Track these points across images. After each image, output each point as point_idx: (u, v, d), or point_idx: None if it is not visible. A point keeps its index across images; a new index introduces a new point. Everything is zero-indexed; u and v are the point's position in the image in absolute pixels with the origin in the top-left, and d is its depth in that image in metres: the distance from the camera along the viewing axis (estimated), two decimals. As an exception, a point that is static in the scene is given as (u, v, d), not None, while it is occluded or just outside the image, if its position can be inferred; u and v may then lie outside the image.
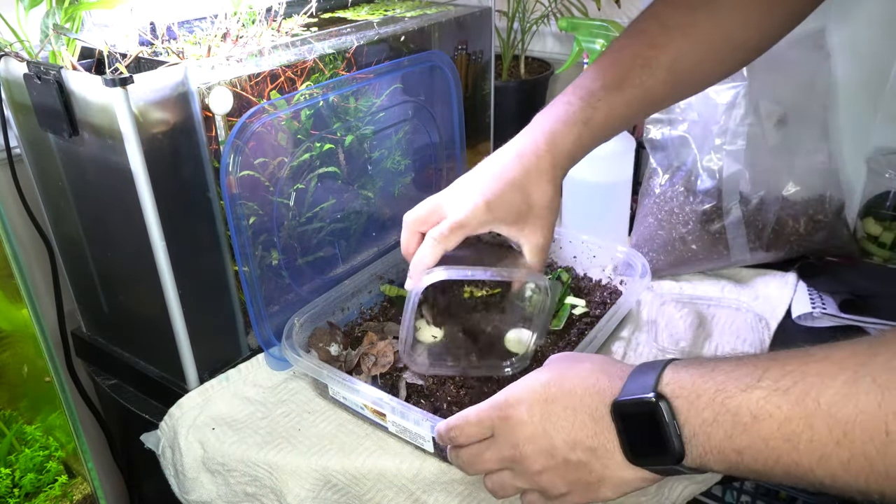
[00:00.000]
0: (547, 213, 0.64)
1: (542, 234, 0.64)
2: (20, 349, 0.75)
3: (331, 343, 0.76)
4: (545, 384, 0.51)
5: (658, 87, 0.63)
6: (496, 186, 0.63)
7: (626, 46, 0.64)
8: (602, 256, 0.89)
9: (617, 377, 0.48)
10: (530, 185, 0.63)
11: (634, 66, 0.63)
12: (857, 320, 0.78)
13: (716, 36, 0.63)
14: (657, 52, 0.63)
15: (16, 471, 0.74)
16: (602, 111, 0.63)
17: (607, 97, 0.63)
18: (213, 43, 0.75)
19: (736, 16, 0.63)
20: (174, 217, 0.66)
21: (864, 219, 0.97)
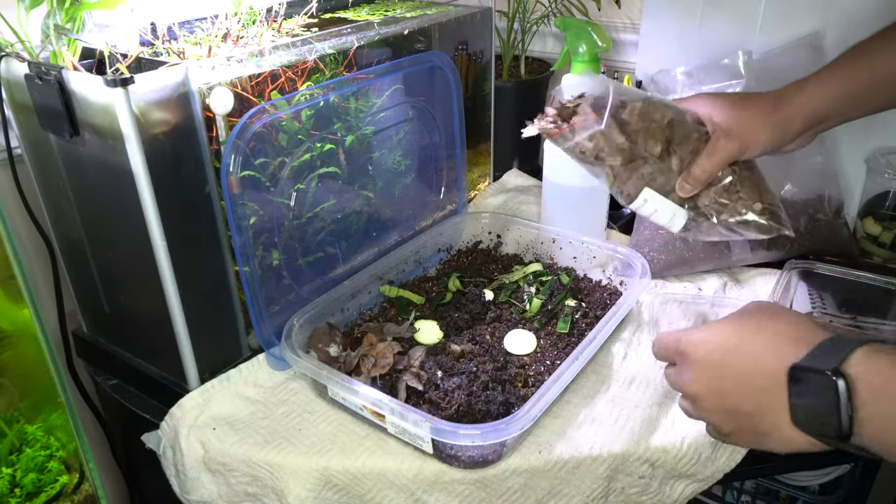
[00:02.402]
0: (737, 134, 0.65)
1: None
2: (21, 349, 0.75)
3: (330, 344, 0.76)
4: (730, 334, 0.53)
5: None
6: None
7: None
8: (602, 257, 0.89)
9: (804, 344, 0.48)
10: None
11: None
12: (857, 320, 0.78)
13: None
14: None
15: (17, 471, 0.74)
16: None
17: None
18: (213, 43, 0.75)
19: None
20: (175, 217, 0.66)
21: (863, 219, 0.97)
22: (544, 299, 0.84)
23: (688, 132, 0.66)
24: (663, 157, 0.66)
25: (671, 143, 0.66)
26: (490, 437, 0.59)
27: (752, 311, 0.55)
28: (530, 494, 0.64)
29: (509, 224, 0.97)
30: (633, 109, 0.65)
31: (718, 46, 1.02)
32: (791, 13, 0.98)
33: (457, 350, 0.75)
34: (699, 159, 0.65)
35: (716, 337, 0.53)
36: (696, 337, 0.54)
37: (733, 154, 0.65)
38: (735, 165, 0.67)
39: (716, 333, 0.54)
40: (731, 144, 0.65)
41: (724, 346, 0.52)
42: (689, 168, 0.66)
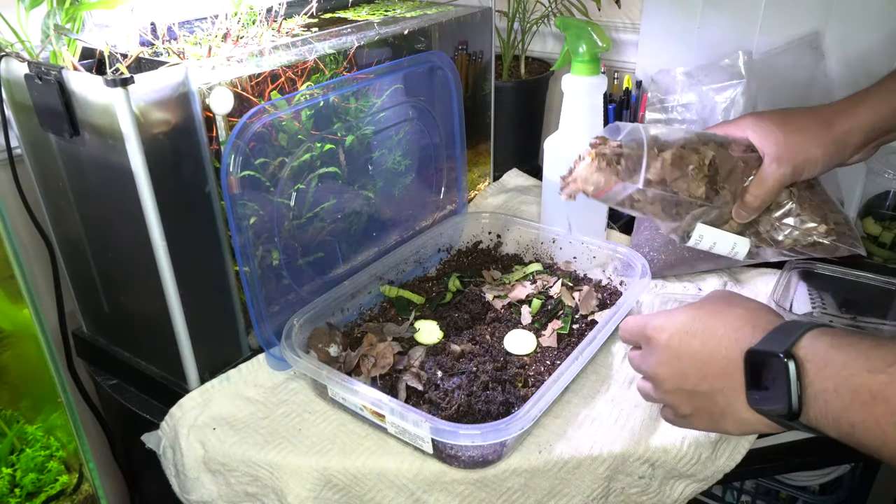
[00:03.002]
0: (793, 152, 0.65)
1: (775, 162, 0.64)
2: (21, 349, 0.75)
3: (330, 344, 0.76)
4: (692, 318, 0.55)
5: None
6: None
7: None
8: (602, 257, 0.89)
9: (761, 329, 0.51)
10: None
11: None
12: (857, 320, 0.78)
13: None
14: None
15: (17, 471, 0.74)
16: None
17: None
18: (213, 43, 0.75)
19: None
20: (175, 217, 0.66)
21: (863, 219, 0.97)
22: (544, 299, 0.84)
23: (734, 164, 0.64)
24: (710, 196, 0.64)
25: (716, 181, 0.64)
26: (490, 437, 0.59)
27: (713, 297, 0.57)
28: (530, 494, 0.64)
29: (509, 224, 0.97)
30: (666, 160, 0.63)
31: (718, 46, 1.02)
32: (791, 13, 0.98)
33: (457, 350, 0.75)
34: (751, 187, 0.64)
35: (678, 321, 0.56)
36: (660, 321, 0.57)
37: (786, 179, 0.64)
38: (793, 188, 0.65)
39: (678, 318, 0.56)
40: (783, 170, 0.63)
41: (686, 329, 0.55)
42: (742, 197, 0.65)
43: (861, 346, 0.45)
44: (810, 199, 0.66)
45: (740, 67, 0.94)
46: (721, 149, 0.65)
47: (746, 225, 0.67)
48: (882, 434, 0.43)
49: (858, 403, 0.43)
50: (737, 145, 0.65)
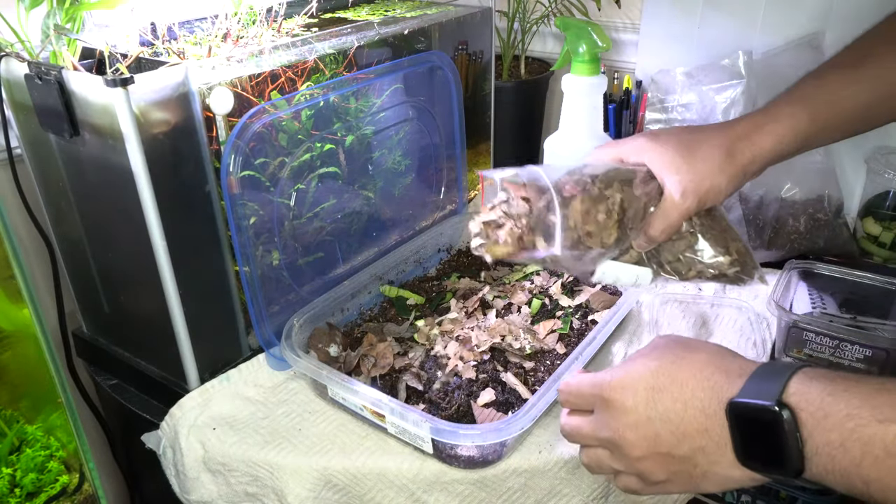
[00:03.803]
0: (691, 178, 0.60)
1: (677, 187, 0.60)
2: (21, 349, 0.75)
3: (330, 344, 0.76)
4: (654, 372, 0.49)
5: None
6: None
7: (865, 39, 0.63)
8: (602, 256, 0.89)
9: (736, 375, 0.46)
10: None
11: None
12: (857, 320, 0.78)
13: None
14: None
15: (17, 471, 0.74)
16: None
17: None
18: (213, 43, 0.75)
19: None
20: (175, 217, 0.66)
21: (863, 218, 0.97)
22: (544, 299, 0.84)
23: (639, 202, 0.60)
24: (622, 239, 0.60)
25: (625, 223, 0.59)
26: (490, 437, 0.59)
27: (664, 345, 0.51)
28: (530, 494, 0.64)
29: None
30: (575, 211, 0.56)
31: (718, 46, 1.02)
32: (791, 13, 0.98)
33: (457, 350, 0.75)
34: (655, 221, 0.60)
35: (640, 376, 0.49)
36: (618, 379, 0.50)
37: (691, 212, 0.60)
38: (694, 216, 0.62)
39: (638, 372, 0.50)
40: (688, 203, 0.59)
41: (652, 385, 0.48)
42: (644, 230, 0.60)
43: (861, 391, 0.41)
44: (711, 228, 0.62)
45: (740, 67, 0.94)
46: (626, 187, 0.59)
47: (649, 254, 0.63)
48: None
49: (871, 459, 0.39)
50: (639, 175, 0.61)
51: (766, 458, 0.43)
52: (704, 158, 0.60)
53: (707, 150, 0.60)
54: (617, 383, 0.50)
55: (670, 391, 0.47)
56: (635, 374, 0.49)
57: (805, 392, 0.42)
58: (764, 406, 0.42)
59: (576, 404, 0.53)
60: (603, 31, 0.86)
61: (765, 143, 0.61)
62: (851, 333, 0.72)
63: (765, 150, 0.61)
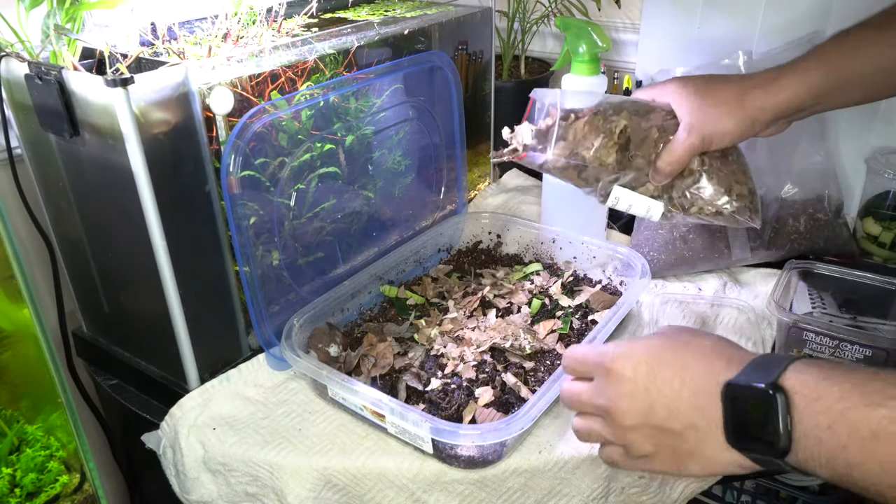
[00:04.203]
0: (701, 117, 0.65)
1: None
2: (21, 349, 0.75)
3: (330, 344, 0.76)
4: (658, 348, 0.50)
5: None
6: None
7: None
8: (602, 257, 0.89)
9: (736, 361, 0.47)
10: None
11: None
12: (857, 320, 0.78)
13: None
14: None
15: (17, 471, 0.74)
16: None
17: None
18: (213, 43, 0.75)
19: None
20: (175, 217, 0.66)
21: (863, 219, 0.97)
22: (544, 299, 0.84)
23: (647, 132, 0.67)
24: (623, 163, 0.67)
25: (628, 148, 0.66)
26: (490, 437, 0.59)
27: (672, 330, 0.53)
28: (530, 494, 0.64)
29: (509, 224, 0.97)
30: (578, 131, 0.66)
31: (718, 46, 1.02)
32: (791, 13, 0.98)
33: (457, 350, 0.75)
34: (663, 153, 0.65)
35: (644, 350, 0.51)
36: (622, 350, 0.51)
37: (695, 148, 0.64)
38: (705, 156, 0.67)
39: (642, 347, 0.51)
40: (692, 139, 0.64)
41: (654, 360, 0.49)
42: (654, 162, 0.66)
43: (854, 377, 0.41)
44: (719, 170, 0.68)
45: (740, 67, 0.94)
46: (636, 117, 0.67)
47: (663, 189, 0.69)
48: (886, 475, 0.39)
49: (857, 442, 0.39)
50: (658, 111, 0.68)
51: (755, 439, 0.44)
52: (716, 102, 0.65)
53: (721, 94, 0.65)
54: (620, 354, 0.51)
55: (671, 368, 0.49)
56: (639, 348, 0.51)
57: (800, 377, 0.43)
58: (759, 388, 0.43)
59: (578, 371, 0.54)
60: (603, 31, 0.86)
61: (778, 94, 0.64)
62: (851, 333, 0.72)
63: (778, 100, 0.64)
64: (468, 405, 0.67)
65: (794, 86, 0.64)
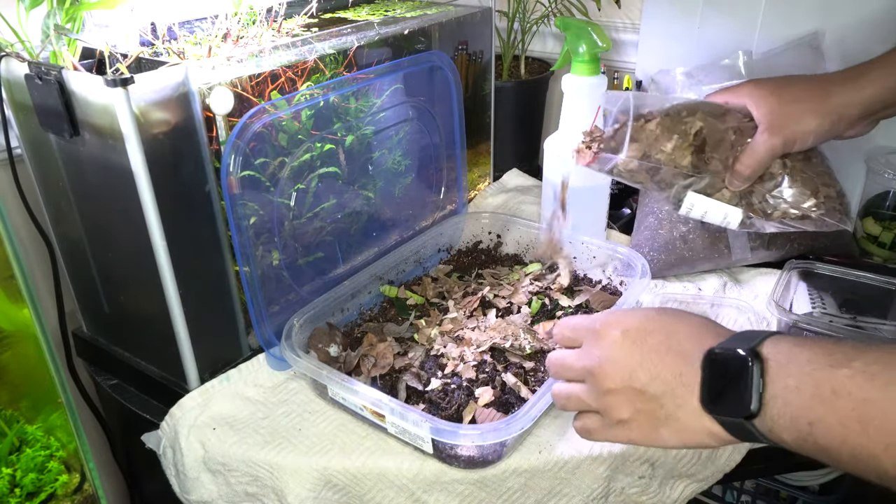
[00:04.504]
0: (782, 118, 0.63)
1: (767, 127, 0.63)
2: (21, 349, 0.75)
3: (330, 344, 0.76)
4: (647, 317, 0.52)
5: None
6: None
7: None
8: (602, 257, 0.89)
9: (722, 335, 0.49)
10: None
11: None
12: (857, 320, 0.78)
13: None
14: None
15: (17, 471, 0.74)
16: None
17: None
18: (213, 43, 0.75)
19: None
20: (175, 217, 0.66)
21: (863, 219, 0.97)
22: (544, 299, 0.84)
23: (723, 134, 0.63)
24: (698, 166, 0.64)
25: (704, 150, 0.63)
26: (490, 437, 0.59)
27: (662, 308, 0.54)
28: (530, 494, 0.64)
29: (509, 224, 0.97)
30: (651, 132, 0.63)
31: (718, 46, 1.02)
32: (791, 13, 0.98)
33: (457, 350, 0.75)
34: (742, 156, 0.63)
35: (633, 318, 0.52)
36: (613, 317, 0.53)
37: (776, 150, 0.62)
38: (787, 159, 0.64)
39: (632, 316, 0.53)
40: (773, 140, 0.62)
41: (642, 327, 0.51)
42: (733, 165, 0.63)
43: (824, 344, 0.44)
44: (803, 172, 0.65)
45: (740, 67, 0.94)
46: (711, 118, 0.64)
47: (740, 195, 0.66)
48: (843, 430, 0.40)
49: (819, 400, 0.41)
50: (733, 114, 0.65)
51: (727, 400, 0.45)
52: (797, 100, 0.63)
53: (801, 93, 0.63)
54: (611, 319, 0.53)
55: (658, 335, 0.50)
56: (629, 315, 0.53)
57: (777, 345, 0.45)
58: (738, 353, 0.45)
59: (568, 338, 0.56)
60: (603, 31, 0.86)
61: (864, 89, 0.62)
62: (851, 333, 0.72)
63: (864, 94, 0.62)
64: (468, 405, 0.67)
65: (882, 79, 0.62)
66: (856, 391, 0.40)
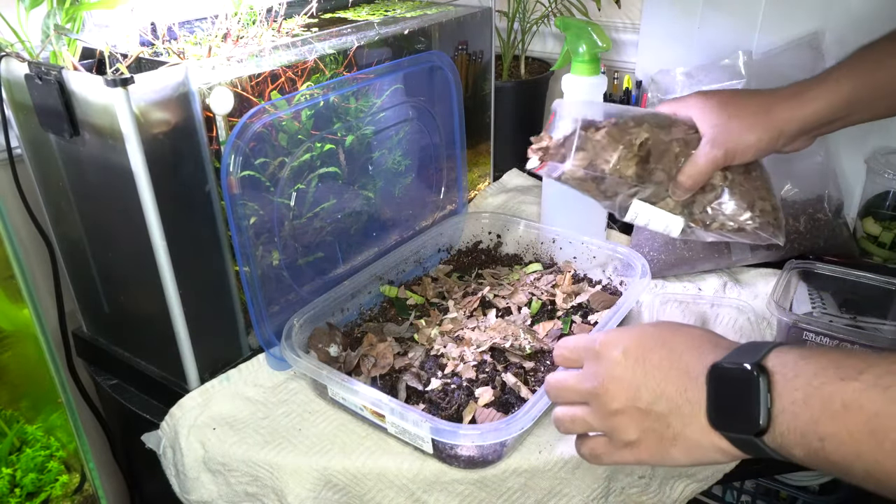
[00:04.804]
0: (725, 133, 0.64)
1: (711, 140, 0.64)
2: (21, 349, 0.75)
3: (330, 344, 0.76)
4: (648, 334, 0.51)
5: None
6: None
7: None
8: (602, 257, 0.89)
9: (724, 348, 0.48)
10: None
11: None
12: (857, 320, 0.78)
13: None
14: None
15: (17, 471, 0.74)
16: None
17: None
18: (213, 43, 0.75)
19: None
20: (175, 217, 0.66)
21: (863, 219, 0.97)
22: (544, 300, 0.84)
23: (668, 145, 0.65)
24: (643, 176, 0.65)
25: (648, 161, 0.65)
26: (490, 437, 0.59)
27: (662, 321, 0.54)
28: (530, 494, 0.64)
29: (509, 224, 0.97)
30: (597, 143, 0.64)
31: (718, 46, 1.02)
32: (791, 13, 0.98)
33: (457, 350, 0.75)
34: (685, 167, 0.64)
35: (632, 336, 0.52)
36: (611, 336, 0.52)
37: (718, 161, 0.63)
38: (728, 171, 0.66)
39: (631, 333, 0.52)
40: (715, 152, 0.63)
41: (642, 343, 0.51)
42: (675, 176, 0.65)
43: (831, 355, 0.42)
44: (742, 185, 0.66)
45: (740, 67, 0.94)
46: (656, 129, 0.65)
47: (683, 204, 0.67)
48: (855, 446, 0.39)
49: (829, 414, 0.40)
50: (679, 125, 0.66)
51: (735, 418, 0.44)
52: (740, 115, 0.64)
53: (745, 107, 0.64)
54: (610, 338, 0.52)
55: (660, 352, 0.49)
56: (629, 333, 0.52)
57: (781, 358, 0.44)
58: (743, 368, 0.44)
59: (568, 359, 0.55)
60: (603, 31, 0.86)
61: (805, 106, 0.63)
62: (851, 333, 0.72)
63: (805, 112, 0.63)
64: (468, 405, 0.67)
65: (823, 97, 0.63)
66: (868, 405, 0.39)
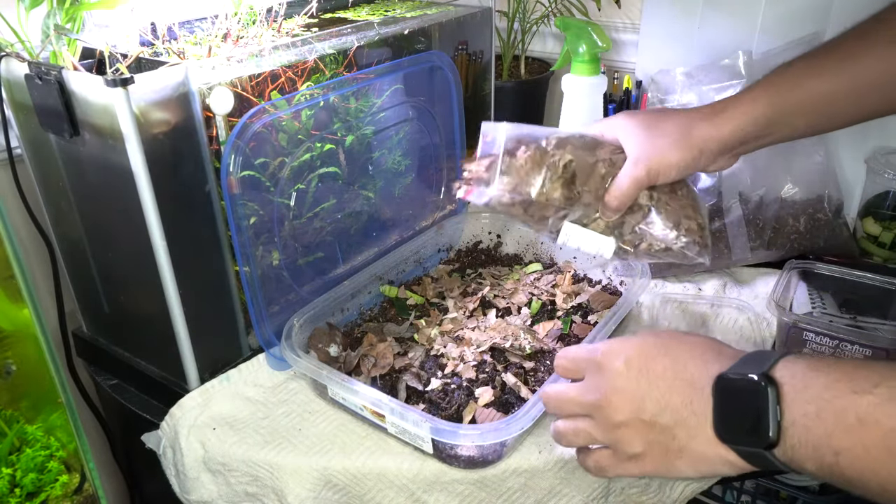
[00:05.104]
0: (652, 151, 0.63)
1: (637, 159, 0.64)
2: (21, 349, 0.75)
3: (330, 344, 0.76)
4: (650, 344, 0.50)
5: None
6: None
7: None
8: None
9: (728, 356, 0.47)
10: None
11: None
12: (857, 320, 0.78)
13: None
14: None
15: (17, 471, 0.74)
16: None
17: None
18: (213, 43, 0.75)
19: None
20: (175, 217, 0.66)
21: (863, 219, 0.97)
22: (544, 300, 0.84)
23: (593, 166, 0.64)
24: (571, 198, 0.64)
25: (574, 183, 0.64)
26: (490, 437, 0.59)
27: (663, 331, 0.53)
28: (530, 494, 0.64)
29: (509, 224, 0.97)
30: (521, 167, 0.64)
31: (718, 46, 1.02)
32: (791, 13, 0.98)
33: (457, 350, 0.75)
34: (611, 188, 0.63)
35: (635, 345, 0.51)
36: (614, 346, 0.51)
37: (641, 181, 0.63)
38: (654, 191, 0.65)
39: (634, 343, 0.51)
40: (638, 171, 0.62)
41: (646, 353, 0.50)
42: (603, 197, 0.64)
43: (842, 367, 0.41)
44: (668, 204, 0.66)
45: (740, 67, 0.94)
46: (580, 150, 0.65)
47: (613, 225, 0.67)
48: (872, 461, 0.38)
49: (843, 428, 0.39)
50: (606, 146, 0.66)
51: (743, 431, 0.44)
52: (662, 134, 0.64)
53: (667, 127, 0.64)
54: (612, 349, 0.51)
55: (662, 362, 0.49)
56: (631, 343, 0.51)
57: (789, 369, 0.43)
58: (750, 379, 0.43)
59: (569, 370, 0.55)
60: (603, 31, 0.86)
61: (723, 126, 0.63)
62: (851, 333, 0.72)
63: (723, 131, 0.63)
64: (468, 405, 0.67)
65: (739, 117, 0.63)
66: (884, 420, 0.38)
